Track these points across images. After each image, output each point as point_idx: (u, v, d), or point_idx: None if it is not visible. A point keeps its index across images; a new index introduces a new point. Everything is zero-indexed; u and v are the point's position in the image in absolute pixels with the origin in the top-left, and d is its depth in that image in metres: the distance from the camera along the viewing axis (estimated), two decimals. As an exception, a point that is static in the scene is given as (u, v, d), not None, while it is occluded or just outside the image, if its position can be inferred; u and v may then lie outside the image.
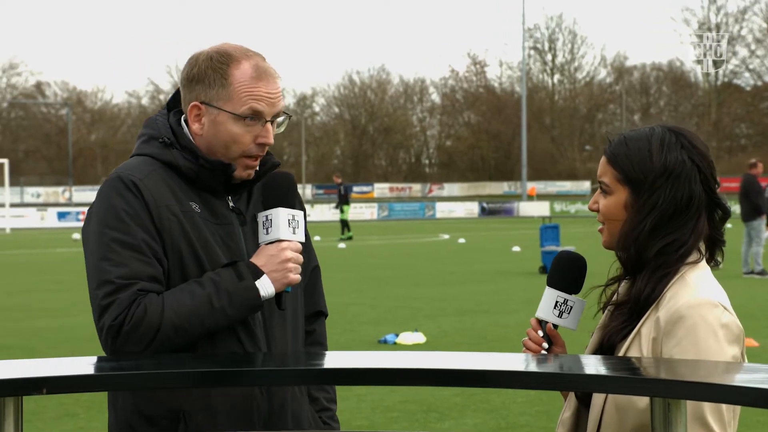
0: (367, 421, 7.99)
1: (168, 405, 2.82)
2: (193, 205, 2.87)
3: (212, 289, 2.78)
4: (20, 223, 56.76)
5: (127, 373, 2.44)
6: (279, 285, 2.85)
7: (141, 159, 2.92)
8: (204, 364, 2.66)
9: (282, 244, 2.87)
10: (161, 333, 2.72)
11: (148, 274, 2.77)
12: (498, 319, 14.13)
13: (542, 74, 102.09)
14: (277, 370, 2.58)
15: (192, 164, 2.89)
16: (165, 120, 2.98)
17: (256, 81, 2.87)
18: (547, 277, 2.83)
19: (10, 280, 21.38)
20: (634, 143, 2.68)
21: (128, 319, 2.71)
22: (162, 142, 2.92)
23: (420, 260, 26.82)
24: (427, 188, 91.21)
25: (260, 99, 2.87)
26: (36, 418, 7.90)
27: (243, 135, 2.88)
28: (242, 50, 2.93)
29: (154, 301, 2.74)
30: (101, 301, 2.74)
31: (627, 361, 2.51)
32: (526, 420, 7.84)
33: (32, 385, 2.28)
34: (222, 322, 2.80)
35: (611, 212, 2.70)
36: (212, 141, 2.90)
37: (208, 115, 2.90)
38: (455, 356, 2.69)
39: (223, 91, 2.87)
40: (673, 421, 2.20)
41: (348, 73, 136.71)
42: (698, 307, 2.52)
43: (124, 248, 2.76)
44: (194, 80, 2.91)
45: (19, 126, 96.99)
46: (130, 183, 2.81)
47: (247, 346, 2.88)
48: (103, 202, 2.83)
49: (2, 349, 11.90)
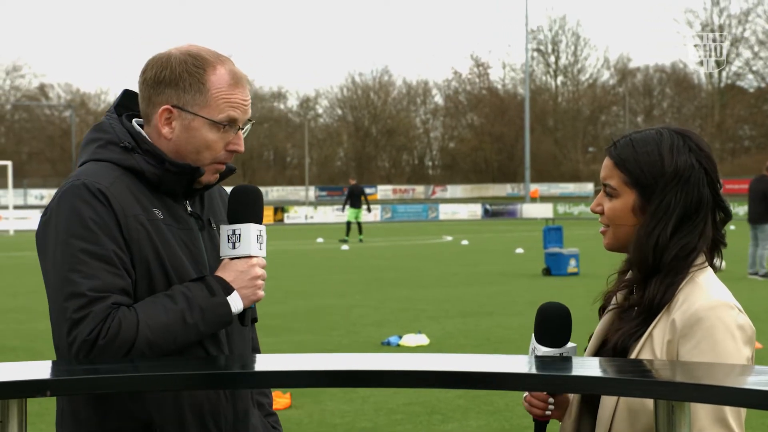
0: (370, 423, 7.99)
1: (137, 416, 2.75)
2: (157, 212, 2.80)
3: (185, 305, 2.71)
4: (24, 225, 56.72)
5: (131, 376, 2.43)
6: (247, 301, 2.80)
7: (101, 165, 2.81)
8: (205, 366, 2.65)
9: (251, 260, 2.80)
10: (135, 348, 2.64)
11: (119, 286, 2.68)
12: (502, 320, 14.12)
13: (545, 76, 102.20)
14: (284, 371, 2.58)
15: (156, 169, 2.82)
16: (119, 124, 2.89)
17: (233, 88, 2.83)
18: (535, 333, 2.73)
19: (14, 282, 21.38)
20: (642, 147, 2.66)
21: (103, 333, 2.62)
22: (123, 147, 2.83)
23: (423, 262, 26.81)
24: (431, 190, 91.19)
25: (237, 106, 2.84)
26: (40, 420, 7.91)
27: (216, 142, 2.83)
28: (215, 54, 2.87)
29: (128, 316, 2.65)
30: (73, 315, 2.64)
31: (632, 363, 2.51)
32: (530, 422, 7.79)
33: (36, 388, 2.28)
34: (193, 338, 2.74)
35: (618, 215, 2.69)
36: (183, 146, 2.83)
37: (180, 119, 2.83)
38: (459, 358, 2.69)
39: (200, 97, 2.81)
40: (677, 423, 2.20)
41: (351, 75, 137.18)
42: (715, 309, 2.52)
43: (93, 259, 2.67)
44: (165, 83, 2.83)
45: (23, 128, 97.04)
46: (97, 191, 2.71)
47: (212, 353, 2.84)
48: (67, 210, 2.71)
49: (6, 350, 11.91)
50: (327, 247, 34.84)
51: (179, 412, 2.78)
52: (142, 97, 2.90)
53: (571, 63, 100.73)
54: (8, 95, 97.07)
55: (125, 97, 2.96)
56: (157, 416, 2.75)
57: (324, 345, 12.01)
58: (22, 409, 2.29)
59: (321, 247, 35.18)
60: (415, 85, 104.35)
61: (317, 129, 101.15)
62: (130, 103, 2.96)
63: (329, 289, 18.83)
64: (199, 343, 2.80)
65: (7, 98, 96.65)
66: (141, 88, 2.90)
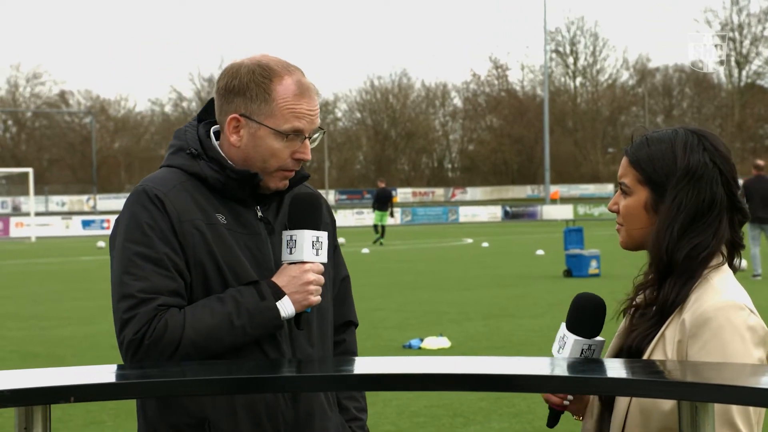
0: (393, 427, 7.99)
1: (192, 413, 2.82)
2: (219, 217, 2.88)
3: (233, 308, 2.78)
4: (45, 231, 57.01)
5: (154, 381, 2.45)
6: (299, 306, 2.86)
7: (168, 170, 2.93)
8: (229, 371, 2.66)
9: (305, 266, 2.87)
10: (181, 349, 2.73)
11: (170, 288, 2.77)
12: (523, 323, 14.10)
13: (564, 77, 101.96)
14: (301, 376, 2.59)
15: (219, 175, 2.90)
16: (194, 131, 2.99)
17: (298, 98, 2.88)
18: (567, 320, 2.76)
19: (37, 289, 21.48)
20: (656, 145, 2.67)
21: (149, 333, 2.72)
22: (189, 153, 2.93)
23: (444, 264, 26.80)
24: (450, 192, 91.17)
25: (302, 117, 2.88)
26: (63, 427, 7.93)
27: (282, 150, 2.89)
28: (284, 64, 2.93)
29: (175, 317, 2.75)
30: (123, 315, 2.75)
31: (653, 364, 2.50)
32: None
33: (60, 394, 2.29)
34: (242, 340, 2.81)
35: (631, 213, 2.70)
36: (250, 153, 2.90)
37: (247, 128, 2.90)
38: (481, 361, 2.69)
39: (266, 107, 2.87)
40: (701, 424, 2.20)
41: (370, 78, 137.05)
42: (724, 310, 2.51)
43: (146, 262, 2.77)
44: (234, 92, 2.90)
45: (44, 135, 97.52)
46: (154, 197, 2.82)
47: (271, 355, 2.88)
48: (127, 215, 2.85)
49: (29, 356, 11.96)
50: (348, 251, 34.80)
51: (232, 411, 2.83)
52: (216, 106, 2.99)
53: (589, 64, 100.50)
54: (29, 102, 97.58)
55: (211, 104, 3.04)
56: (212, 413, 2.82)
57: (345, 348, 12.00)
58: (47, 415, 2.31)
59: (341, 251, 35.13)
60: (433, 87, 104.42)
61: (336, 133, 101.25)
62: (213, 110, 3.04)
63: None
64: (257, 344, 2.86)
65: (28, 105, 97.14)
66: (215, 98, 2.99)
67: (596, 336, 2.72)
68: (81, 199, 78.09)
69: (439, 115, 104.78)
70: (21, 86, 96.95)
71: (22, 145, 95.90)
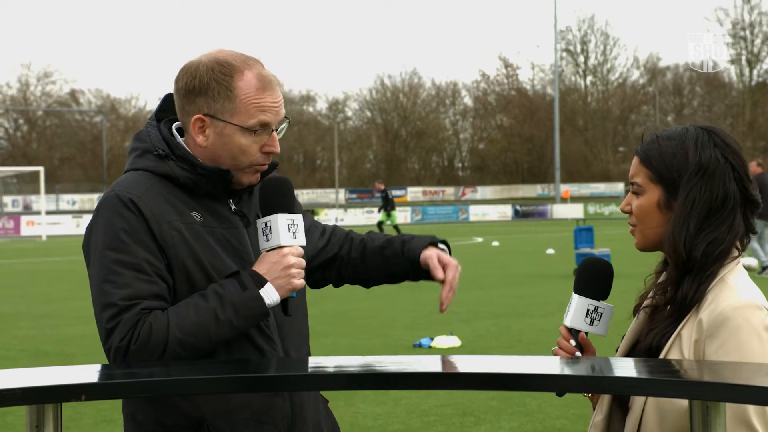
0: (403, 426, 7.99)
1: (189, 414, 2.79)
2: (195, 215, 2.85)
3: (216, 302, 2.75)
4: (56, 230, 57.13)
5: (164, 380, 2.44)
6: (284, 291, 2.82)
7: (136, 174, 2.88)
8: (238, 369, 2.66)
9: (283, 250, 2.83)
10: (169, 349, 2.69)
11: (152, 292, 2.73)
12: (534, 322, 14.08)
13: (575, 76, 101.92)
14: (310, 374, 2.58)
15: (189, 174, 2.86)
16: (157, 132, 2.94)
17: (261, 92, 2.85)
18: (574, 283, 2.80)
19: (47, 288, 21.52)
20: (667, 142, 2.67)
21: (134, 338, 2.67)
22: (157, 155, 2.88)
23: (454, 264, 26.74)
24: (461, 191, 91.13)
25: (267, 110, 2.85)
26: (74, 425, 7.94)
27: (250, 146, 2.86)
28: (242, 58, 2.89)
29: (159, 318, 2.70)
30: (106, 324, 2.71)
31: (665, 363, 2.50)
32: (563, 423, 7.80)
33: (71, 392, 2.29)
34: (230, 334, 2.77)
35: (644, 212, 2.69)
36: (218, 152, 2.87)
37: (213, 127, 2.86)
38: (491, 360, 2.68)
39: (230, 104, 2.84)
40: (713, 423, 2.19)
41: (380, 77, 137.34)
42: (742, 309, 2.50)
43: (125, 269, 2.73)
44: (195, 92, 2.86)
45: (54, 134, 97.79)
46: (129, 201, 2.78)
47: (266, 352, 2.88)
48: (102, 222, 2.79)
49: (40, 355, 11.99)
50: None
51: (230, 410, 2.82)
52: (177, 106, 2.94)
53: (600, 63, 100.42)
54: (39, 101, 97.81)
55: (167, 101, 3.00)
56: (209, 414, 2.80)
57: (355, 348, 12.01)
58: (58, 413, 2.31)
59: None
60: (444, 86, 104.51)
61: (347, 132, 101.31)
62: (171, 107, 2.99)
63: (359, 292, 18.81)
64: (247, 337, 2.84)
65: (39, 104, 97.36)
66: (175, 98, 2.94)
67: (603, 299, 2.73)
68: (92, 198, 78.18)
69: (450, 114, 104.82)
70: (32, 85, 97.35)
71: (33, 143, 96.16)
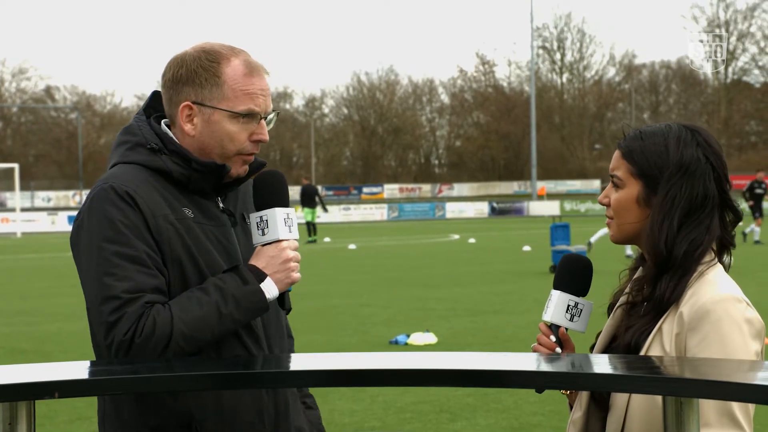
0: (379, 422, 7.99)
1: (178, 413, 2.78)
2: (187, 211, 2.84)
3: (218, 296, 2.74)
4: (31, 227, 56.89)
5: (141, 377, 2.42)
6: (282, 285, 2.83)
7: (129, 167, 2.85)
8: (221, 366, 2.65)
9: (281, 244, 2.83)
10: (172, 343, 2.68)
11: (153, 285, 2.72)
12: (510, 318, 14.12)
13: (551, 73, 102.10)
14: (290, 371, 2.58)
15: (183, 169, 2.85)
16: (148, 126, 2.93)
17: (249, 77, 2.85)
18: (554, 279, 2.80)
19: (23, 285, 21.42)
20: (650, 138, 2.68)
21: (138, 332, 2.65)
22: (150, 149, 2.87)
23: (431, 261, 26.81)
24: (437, 189, 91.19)
25: (255, 96, 2.85)
26: (49, 422, 7.91)
27: (239, 133, 2.85)
28: (229, 47, 2.89)
29: (162, 313, 2.68)
30: (108, 318, 2.67)
31: (641, 359, 2.50)
32: (539, 420, 7.82)
33: (44, 389, 2.27)
34: (230, 328, 2.78)
35: (622, 206, 2.70)
36: (207, 141, 2.86)
37: (201, 115, 2.86)
38: (467, 357, 2.69)
39: (217, 90, 2.83)
40: (686, 420, 2.19)
41: (356, 74, 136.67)
42: (723, 302, 2.52)
43: (126, 261, 2.70)
44: (182, 81, 2.86)
45: (29, 130, 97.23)
46: (125, 194, 2.75)
47: (252, 349, 2.87)
48: (97, 214, 2.76)
49: (16, 353, 11.93)
50: (334, 247, 34.85)
51: (219, 408, 2.81)
52: (164, 99, 2.93)
53: (576, 60, 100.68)
54: (14, 97, 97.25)
55: (154, 98, 3.00)
56: (198, 413, 2.79)
57: (332, 345, 12.01)
58: (31, 411, 2.29)
59: (328, 247, 35.19)
60: (420, 83, 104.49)
61: (323, 128, 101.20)
62: (159, 104, 2.99)
63: (337, 289, 18.84)
64: (236, 335, 2.84)
65: (14, 100, 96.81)
66: (163, 91, 2.94)
67: (582, 296, 2.74)
68: (67, 195, 77.84)
69: (426, 111, 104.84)
70: (6, 81, 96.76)
71: (7, 140, 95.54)
